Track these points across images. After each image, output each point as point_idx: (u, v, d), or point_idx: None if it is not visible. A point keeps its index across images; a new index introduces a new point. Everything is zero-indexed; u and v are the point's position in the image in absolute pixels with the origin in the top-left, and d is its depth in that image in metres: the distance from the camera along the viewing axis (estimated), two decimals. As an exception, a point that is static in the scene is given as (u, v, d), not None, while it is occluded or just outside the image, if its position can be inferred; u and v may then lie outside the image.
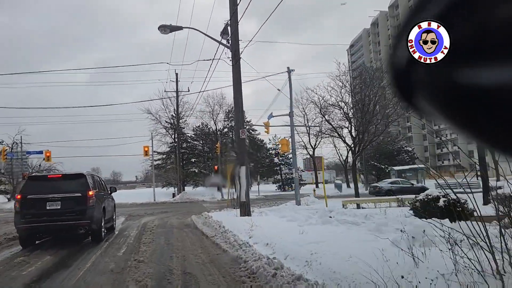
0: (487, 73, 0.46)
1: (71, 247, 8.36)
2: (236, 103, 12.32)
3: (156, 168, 42.15)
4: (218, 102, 45.21)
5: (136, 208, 24.69)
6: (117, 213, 21.33)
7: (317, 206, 16.04)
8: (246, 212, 11.88)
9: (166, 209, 23.01)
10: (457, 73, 0.51)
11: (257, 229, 8.12)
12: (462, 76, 0.50)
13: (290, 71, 17.82)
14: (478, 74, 0.47)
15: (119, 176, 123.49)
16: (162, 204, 30.14)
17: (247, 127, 48.24)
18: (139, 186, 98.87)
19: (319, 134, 44.89)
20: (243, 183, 12.07)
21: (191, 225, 12.09)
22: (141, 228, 11.74)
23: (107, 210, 9.64)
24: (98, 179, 9.93)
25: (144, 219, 15.58)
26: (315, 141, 46.22)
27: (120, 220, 15.62)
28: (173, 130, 41.25)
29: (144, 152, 33.73)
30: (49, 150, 31.67)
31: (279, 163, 44.64)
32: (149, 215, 18.40)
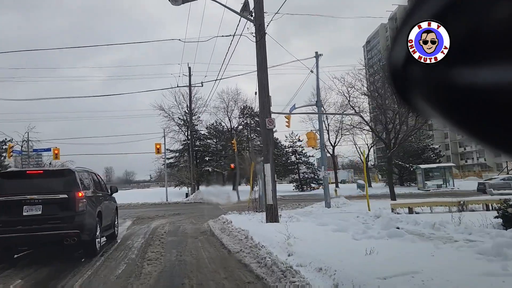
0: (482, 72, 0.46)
1: (56, 264, 6.48)
2: (261, 86, 10.31)
3: (168, 167, 40.49)
4: (232, 98, 43.28)
5: (146, 209, 22.93)
6: (125, 215, 19.62)
7: (352, 209, 13.92)
8: (274, 218, 9.85)
9: (178, 210, 21.18)
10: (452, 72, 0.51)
11: (297, 243, 6.10)
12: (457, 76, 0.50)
13: (318, 56, 15.75)
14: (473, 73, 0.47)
15: (132, 176, 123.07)
16: (174, 204, 28.37)
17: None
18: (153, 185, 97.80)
19: (340, 131, 42.69)
20: (269, 182, 10.05)
21: (207, 232, 10.13)
22: (148, 236, 9.83)
23: (104, 215, 7.75)
24: (93, 177, 8.04)
25: (153, 223, 13.71)
26: (335, 139, 43.88)
27: (126, 224, 13.79)
28: (186, 127, 39.51)
29: (156, 150, 32.07)
30: (57, 147, 30.24)
31: (296, 162, 42.38)
32: (160, 217, 16.55)
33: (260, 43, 10.28)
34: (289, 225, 8.72)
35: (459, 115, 0.51)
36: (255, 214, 12.22)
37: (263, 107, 10.28)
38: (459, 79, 0.50)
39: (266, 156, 10.27)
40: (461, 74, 0.50)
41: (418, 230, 6.77)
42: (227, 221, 10.19)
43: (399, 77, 0.59)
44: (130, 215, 18.25)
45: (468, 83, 0.48)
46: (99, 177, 8.58)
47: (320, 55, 15.87)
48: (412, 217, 8.08)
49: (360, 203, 16.98)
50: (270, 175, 10.05)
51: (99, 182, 8.37)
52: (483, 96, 0.47)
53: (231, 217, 12.24)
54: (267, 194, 10.01)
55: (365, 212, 10.90)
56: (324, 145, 15.52)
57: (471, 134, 0.52)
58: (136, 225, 13.50)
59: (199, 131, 41.46)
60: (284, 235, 6.66)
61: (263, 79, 10.29)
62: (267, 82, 10.36)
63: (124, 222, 14.91)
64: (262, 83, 10.29)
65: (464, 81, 0.49)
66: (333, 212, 13.24)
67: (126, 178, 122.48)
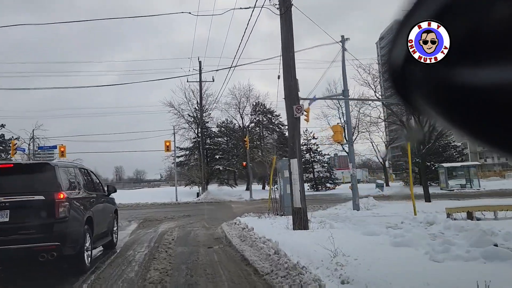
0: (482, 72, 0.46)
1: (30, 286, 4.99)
2: (287, 67, 8.68)
3: (178, 166, 39.12)
4: (244, 94, 41.67)
5: (155, 210, 21.49)
6: (131, 216, 18.19)
7: (386, 212, 12.21)
8: (303, 224, 8.22)
9: (189, 211, 19.70)
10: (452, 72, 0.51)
11: (350, 263, 4.47)
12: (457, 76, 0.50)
13: (344, 40, 14.06)
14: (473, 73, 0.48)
15: (143, 175, 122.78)
16: (185, 205, 26.91)
17: (276, 121, 44.66)
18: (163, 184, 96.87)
19: (356, 128, 40.72)
20: (296, 181, 8.42)
21: (222, 240, 8.55)
22: (153, 245, 8.29)
23: (97, 222, 6.22)
24: (84, 174, 6.51)
25: (161, 227, 12.21)
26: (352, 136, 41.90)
27: (131, 228, 12.31)
28: (196, 124, 38.08)
29: (166, 147, 30.67)
30: (63, 144, 29.08)
31: (311, 160, 40.62)
32: (168, 220, 15.05)
33: (285, 17, 8.65)
34: (324, 233, 7.08)
35: (459, 115, 0.51)
36: (276, 217, 10.62)
37: (290, 91, 8.64)
38: (459, 79, 0.50)
39: (292, 150, 8.63)
40: (461, 74, 0.50)
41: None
42: (246, 227, 8.59)
43: (399, 77, 0.58)
44: (137, 217, 16.82)
45: (468, 83, 0.48)
46: (92, 174, 7.04)
47: (346, 39, 14.18)
48: (479, 224, 6.33)
49: (390, 204, 15.24)
50: (297, 173, 8.41)
51: (92, 180, 6.81)
52: (483, 96, 0.47)
53: (248, 220, 10.66)
54: (294, 195, 8.37)
55: (411, 217, 9.18)
56: (352, 139, 13.83)
57: (472, 134, 0.52)
58: (141, 229, 12.01)
59: (210, 129, 39.98)
60: (328, 251, 5.02)
61: (289, 59, 8.66)
62: (294, 63, 8.73)
63: (129, 225, 13.45)
64: (288, 64, 8.66)
65: (464, 81, 0.49)
66: (365, 216, 11.55)
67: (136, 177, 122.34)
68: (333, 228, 8.14)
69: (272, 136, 44.45)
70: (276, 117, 44.32)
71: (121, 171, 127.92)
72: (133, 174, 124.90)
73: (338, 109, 38.95)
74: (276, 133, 44.66)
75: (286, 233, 7.34)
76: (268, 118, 44.33)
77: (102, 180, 38.41)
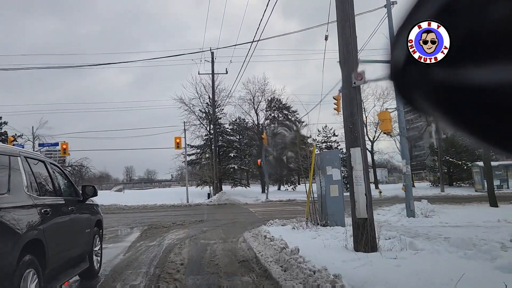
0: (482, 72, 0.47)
1: None
2: (342, 18, 6.09)
3: (189, 164, 36.76)
4: (260, 89, 39.05)
5: (163, 214, 19.07)
6: (136, 221, 15.78)
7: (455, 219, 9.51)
8: (370, 243, 5.59)
9: (201, 215, 17.27)
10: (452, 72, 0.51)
11: None
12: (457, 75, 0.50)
13: (390, 3, 11.40)
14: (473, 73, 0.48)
15: (154, 175, 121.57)
16: (196, 207, 24.49)
17: (293, 118, 41.94)
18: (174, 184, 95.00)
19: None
20: (360, 179, 5.81)
21: (253, 265, 5.98)
22: (154, 271, 5.78)
23: (58, 243, 3.76)
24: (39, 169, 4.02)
25: (168, 238, 9.75)
26: (374, 134, 39.12)
27: (130, 239, 9.86)
28: (208, 121, 35.63)
29: (176, 144, 28.30)
30: (66, 141, 26.96)
31: (331, 159, 37.93)
32: (177, 226, 12.59)
33: None
34: (415, 262, 4.47)
35: (460, 115, 0.51)
36: (319, 228, 8.00)
37: (347, 51, 6.03)
38: (459, 79, 0.50)
39: (352, 135, 6.01)
40: (461, 74, 0.50)
41: None
42: (286, 247, 5.98)
43: (401, 76, 0.59)
44: (142, 222, 14.43)
45: (468, 83, 0.48)
46: (55, 170, 4.53)
47: (393, 3, 11.52)
48: None
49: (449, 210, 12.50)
50: (361, 168, 5.79)
51: (52, 178, 4.29)
52: (483, 96, 0.47)
53: (281, 232, 8.10)
54: (357, 200, 5.75)
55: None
56: (404, 129, 11.16)
57: (473, 134, 0.52)
58: (143, 240, 9.55)
59: (223, 125, 37.46)
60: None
61: (347, 7, 6.08)
62: (353, 12, 6.14)
63: (130, 234, 11.03)
64: (345, 14, 6.08)
65: (464, 81, 0.49)
66: (431, 226, 8.88)
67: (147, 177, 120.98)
68: (416, 249, 5.51)
69: (289, 133, 41.78)
70: (292, 113, 41.68)
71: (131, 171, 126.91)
72: (144, 174, 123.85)
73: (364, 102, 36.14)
74: (293, 131, 42.03)
75: (356, 261, 4.73)
76: (284, 115, 41.69)
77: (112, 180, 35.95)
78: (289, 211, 17.88)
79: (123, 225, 13.45)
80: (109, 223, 14.29)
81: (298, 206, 20.26)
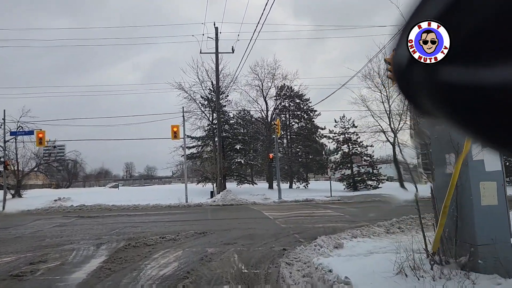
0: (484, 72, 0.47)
1: None
2: None
3: (189, 159, 32.48)
4: (270, 73, 34.61)
5: (154, 218, 14.75)
6: (113, 230, 11.09)
7: None
8: None
9: (203, 222, 13.03)
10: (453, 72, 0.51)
11: None
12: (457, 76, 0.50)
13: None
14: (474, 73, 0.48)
15: (154, 171, 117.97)
16: (197, 208, 20.21)
17: (304, 107, 37.39)
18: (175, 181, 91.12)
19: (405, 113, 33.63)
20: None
21: None
22: None
23: None
24: None
25: (145, 274, 5.52)
26: (398, 123, 34.71)
27: (80, 274, 5.59)
28: (211, 109, 31.32)
29: (173, 134, 24.01)
30: (42, 130, 22.70)
31: (350, 153, 33.45)
32: (167, 244, 8.35)
33: None
34: None
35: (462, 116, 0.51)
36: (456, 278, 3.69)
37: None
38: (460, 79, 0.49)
39: None
40: (461, 74, 0.49)
41: None
42: None
43: (403, 77, 0.59)
44: (121, 232, 10.19)
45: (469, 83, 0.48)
46: None
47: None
48: None
49: None
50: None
51: None
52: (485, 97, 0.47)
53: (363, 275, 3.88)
54: None
55: None
56: None
57: (475, 135, 0.52)
58: (103, 277, 5.31)
59: (228, 113, 33.09)
60: None
61: None
62: None
63: (84, 263, 6.67)
64: None
65: (465, 81, 0.48)
66: None
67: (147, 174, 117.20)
68: None
69: (301, 124, 37.50)
70: (305, 101, 37.33)
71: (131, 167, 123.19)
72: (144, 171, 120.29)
73: (381, 92, 31.79)
74: (304, 121, 37.74)
75: None
76: (296, 103, 37.37)
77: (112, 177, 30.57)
78: (319, 216, 13.60)
79: (90, 240, 9.24)
80: (71, 236, 10.05)
81: (327, 210, 15.96)
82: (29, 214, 18.90)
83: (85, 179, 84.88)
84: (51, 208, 20.80)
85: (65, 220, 14.59)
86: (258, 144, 37.87)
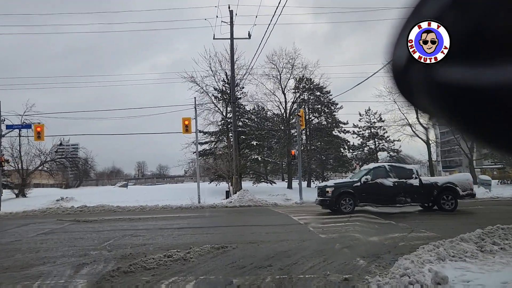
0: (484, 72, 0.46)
1: None
2: None
3: (202, 155, 30.14)
4: (289, 63, 31.97)
5: (161, 223, 12.30)
6: (107, 242, 7.14)
7: None
8: None
9: (221, 228, 10.59)
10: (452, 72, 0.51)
11: None
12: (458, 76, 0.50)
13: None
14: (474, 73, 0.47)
15: (166, 170, 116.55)
16: (211, 211, 17.72)
17: (325, 100, 34.64)
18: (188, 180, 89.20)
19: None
20: None
21: None
22: None
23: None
24: None
25: None
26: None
27: None
28: (225, 102, 28.91)
29: (184, 127, 21.68)
30: (41, 123, 20.63)
31: (376, 149, 30.69)
32: (175, 269, 5.89)
33: None
34: None
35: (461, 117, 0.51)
36: None
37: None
38: (459, 79, 0.49)
39: None
40: (461, 74, 0.49)
41: None
42: None
43: (402, 77, 0.58)
44: (115, 246, 7.74)
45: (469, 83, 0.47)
46: None
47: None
48: None
49: None
50: None
51: None
52: (484, 97, 0.47)
53: None
54: None
55: None
56: None
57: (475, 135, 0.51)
58: None
59: (244, 106, 30.58)
60: None
61: None
62: None
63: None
64: None
65: (465, 81, 0.48)
66: None
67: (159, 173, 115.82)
68: None
69: (321, 118, 34.79)
70: (325, 94, 34.62)
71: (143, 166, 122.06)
72: (156, 170, 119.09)
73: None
74: (324, 115, 35.05)
75: None
76: (316, 96, 34.70)
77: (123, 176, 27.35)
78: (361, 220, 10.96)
79: (72, 257, 6.86)
80: (50, 250, 7.63)
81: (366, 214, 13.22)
82: (23, 216, 16.80)
83: (98, 178, 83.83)
84: (49, 209, 18.66)
85: (56, 225, 12.33)
86: (272, 142, 35.36)
